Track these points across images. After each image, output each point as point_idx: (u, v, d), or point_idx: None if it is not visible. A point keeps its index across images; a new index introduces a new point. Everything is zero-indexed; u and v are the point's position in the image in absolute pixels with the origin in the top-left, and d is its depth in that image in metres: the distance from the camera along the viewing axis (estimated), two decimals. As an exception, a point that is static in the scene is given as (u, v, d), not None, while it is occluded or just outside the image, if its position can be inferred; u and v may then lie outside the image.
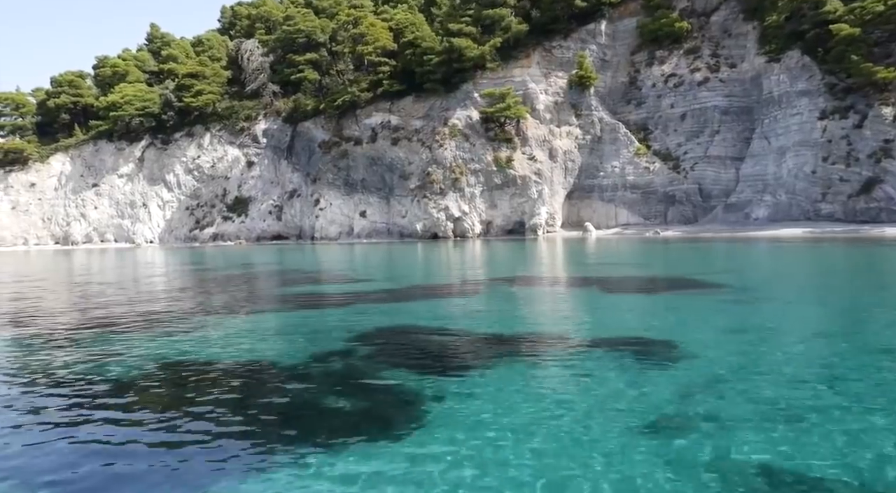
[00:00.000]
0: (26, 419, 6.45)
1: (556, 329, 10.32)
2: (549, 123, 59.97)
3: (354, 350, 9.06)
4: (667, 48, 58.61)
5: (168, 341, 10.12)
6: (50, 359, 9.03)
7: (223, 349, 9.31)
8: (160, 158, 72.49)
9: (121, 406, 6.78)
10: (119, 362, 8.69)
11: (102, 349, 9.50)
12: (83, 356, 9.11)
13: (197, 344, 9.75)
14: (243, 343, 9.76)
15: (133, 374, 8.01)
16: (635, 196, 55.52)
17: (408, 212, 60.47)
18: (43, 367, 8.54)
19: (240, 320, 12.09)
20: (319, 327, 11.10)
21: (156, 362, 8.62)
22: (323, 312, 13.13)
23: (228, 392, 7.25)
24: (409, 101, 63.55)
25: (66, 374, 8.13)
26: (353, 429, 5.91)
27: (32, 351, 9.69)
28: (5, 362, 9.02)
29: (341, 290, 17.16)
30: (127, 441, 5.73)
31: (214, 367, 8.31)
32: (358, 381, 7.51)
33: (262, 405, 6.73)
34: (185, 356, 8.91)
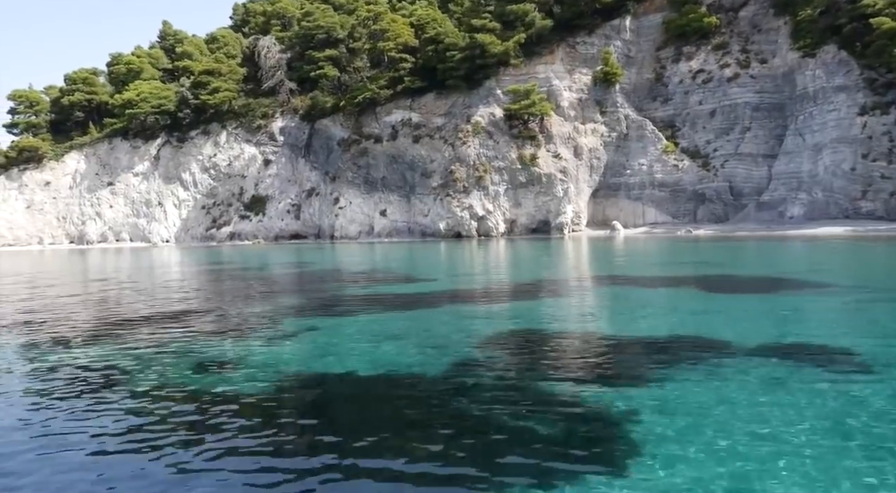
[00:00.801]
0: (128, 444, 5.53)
1: (707, 333, 9.34)
2: (574, 121, 58.97)
3: (497, 358, 8.11)
4: (694, 44, 57.55)
5: (272, 349, 9.18)
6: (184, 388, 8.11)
7: (345, 358, 8.36)
8: (176, 156, 71.63)
9: (264, 432, 5.85)
10: (232, 373, 7.75)
11: (199, 355, 8.58)
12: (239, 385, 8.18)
13: (308, 352, 8.80)
14: (361, 350, 8.81)
15: (259, 386, 7.07)
16: (663, 194, 54.49)
17: (430, 211, 59.52)
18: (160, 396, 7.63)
19: (336, 323, 11.14)
20: (433, 332, 10.15)
21: (263, 369, 7.68)
22: (419, 314, 12.18)
23: (384, 409, 6.30)
24: (430, 98, 62.59)
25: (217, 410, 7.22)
26: (558, 455, 4.97)
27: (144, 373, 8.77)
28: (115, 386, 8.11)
29: (415, 290, 16.22)
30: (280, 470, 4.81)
31: (350, 379, 7.36)
32: (528, 394, 6.56)
33: (433, 424, 5.78)
34: (303, 367, 7.97)
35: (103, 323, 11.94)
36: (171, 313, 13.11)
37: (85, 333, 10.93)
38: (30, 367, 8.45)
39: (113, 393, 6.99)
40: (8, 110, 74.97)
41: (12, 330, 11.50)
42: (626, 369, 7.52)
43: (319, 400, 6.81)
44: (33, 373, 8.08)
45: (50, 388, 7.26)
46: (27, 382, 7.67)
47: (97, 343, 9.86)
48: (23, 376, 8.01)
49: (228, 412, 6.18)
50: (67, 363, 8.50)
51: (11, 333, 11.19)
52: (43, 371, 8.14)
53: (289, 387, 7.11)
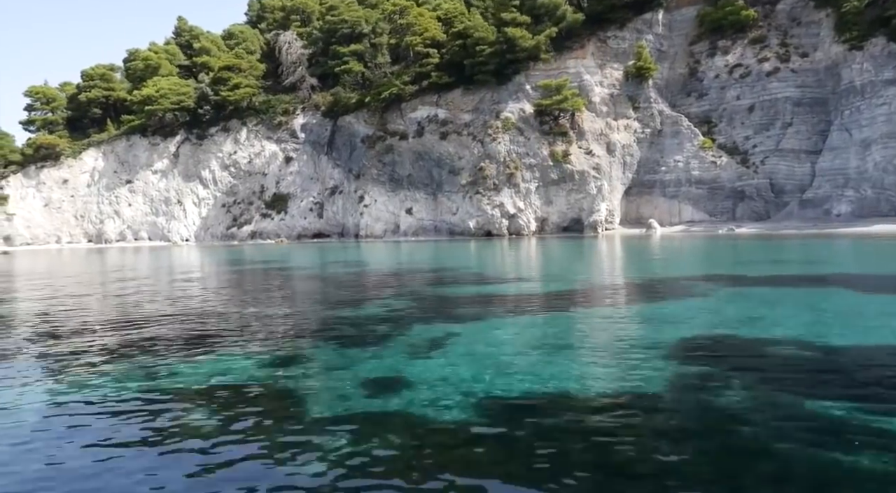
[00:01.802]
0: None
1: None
2: (606, 117, 57.67)
3: (713, 371, 6.76)
4: (730, 38, 56.18)
5: (425, 364, 7.88)
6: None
7: (512, 372, 7.03)
8: (195, 153, 70.45)
9: (444, 476, 4.53)
10: (397, 391, 6.46)
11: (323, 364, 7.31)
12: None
13: (467, 367, 7.49)
14: (524, 363, 7.46)
15: (438, 408, 5.78)
16: (700, 192, 53.15)
17: (459, 209, 58.24)
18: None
19: (472, 330, 9.84)
20: (591, 339, 8.85)
21: (430, 385, 6.39)
22: (552, 318, 10.88)
23: (594, 445, 4.91)
24: (457, 93, 61.29)
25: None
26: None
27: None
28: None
29: (516, 290, 14.90)
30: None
31: (532, 400, 6.03)
32: (819, 420, 5.22)
33: (699, 470, 4.40)
34: (467, 385, 6.64)
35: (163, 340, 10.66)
36: (274, 320, 11.85)
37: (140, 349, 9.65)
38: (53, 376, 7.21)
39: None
40: (24, 107, 73.93)
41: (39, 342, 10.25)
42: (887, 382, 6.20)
43: (502, 430, 5.37)
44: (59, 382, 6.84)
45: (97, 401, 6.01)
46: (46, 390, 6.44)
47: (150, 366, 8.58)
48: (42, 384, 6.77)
49: (399, 437, 4.90)
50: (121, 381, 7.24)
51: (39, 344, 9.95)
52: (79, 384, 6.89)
53: (465, 411, 5.77)
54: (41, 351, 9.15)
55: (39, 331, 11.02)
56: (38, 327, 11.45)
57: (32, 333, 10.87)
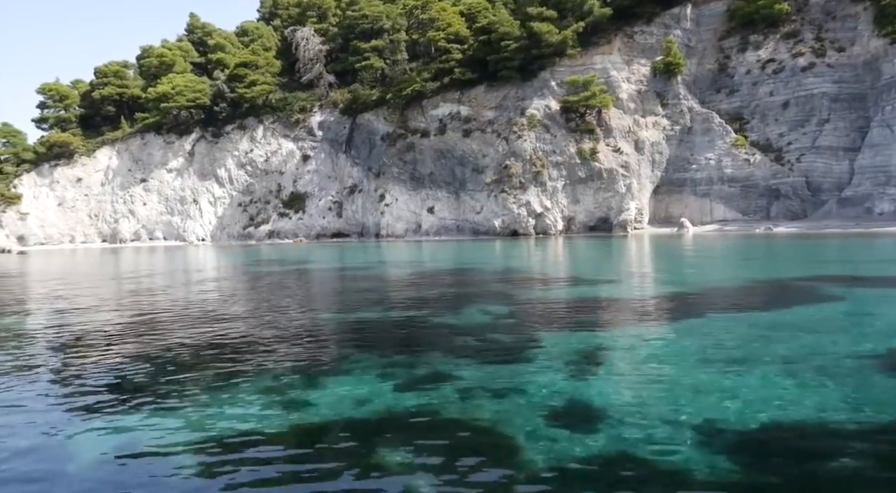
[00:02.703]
0: None
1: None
2: (634, 113, 56.41)
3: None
4: (761, 33, 54.87)
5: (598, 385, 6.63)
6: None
7: (736, 400, 5.77)
8: (211, 151, 69.25)
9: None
10: (586, 424, 5.20)
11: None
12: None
13: (688, 385, 6.23)
14: (739, 388, 6.19)
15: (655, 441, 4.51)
16: (733, 190, 51.83)
17: (483, 207, 56.97)
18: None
19: (657, 341, 8.58)
20: (790, 353, 7.57)
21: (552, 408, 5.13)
22: (707, 324, 9.60)
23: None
24: (480, 90, 60.04)
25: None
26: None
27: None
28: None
29: (631, 294, 13.64)
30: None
31: (776, 431, 4.77)
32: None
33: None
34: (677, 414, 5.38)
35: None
36: (373, 328, 10.61)
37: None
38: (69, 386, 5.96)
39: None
40: (37, 105, 72.78)
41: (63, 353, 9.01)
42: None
43: (765, 477, 4.14)
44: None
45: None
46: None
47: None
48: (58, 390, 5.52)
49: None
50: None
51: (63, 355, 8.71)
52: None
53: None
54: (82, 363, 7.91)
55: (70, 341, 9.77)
56: (72, 338, 10.21)
57: (63, 342, 9.62)
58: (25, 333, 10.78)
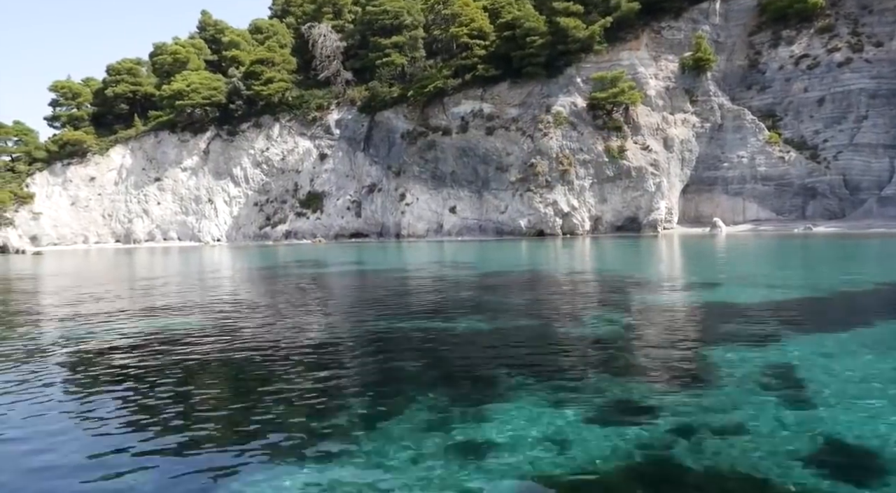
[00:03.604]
0: None
1: None
2: (662, 111, 55.07)
3: None
4: (794, 28, 53.53)
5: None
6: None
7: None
8: (226, 150, 67.99)
9: None
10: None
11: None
12: None
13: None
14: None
15: None
16: (767, 189, 50.46)
17: (508, 207, 55.64)
18: None
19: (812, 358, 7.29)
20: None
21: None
22: (871, 335, 8.32)
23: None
24: (503, 87, 58.72)
25: None
26: None
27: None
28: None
29: (759, 298, 12.35)
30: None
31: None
32: None
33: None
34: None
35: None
36: (473, 342, 9.32)
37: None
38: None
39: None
40: (49, 102, 71.51)
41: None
42: None
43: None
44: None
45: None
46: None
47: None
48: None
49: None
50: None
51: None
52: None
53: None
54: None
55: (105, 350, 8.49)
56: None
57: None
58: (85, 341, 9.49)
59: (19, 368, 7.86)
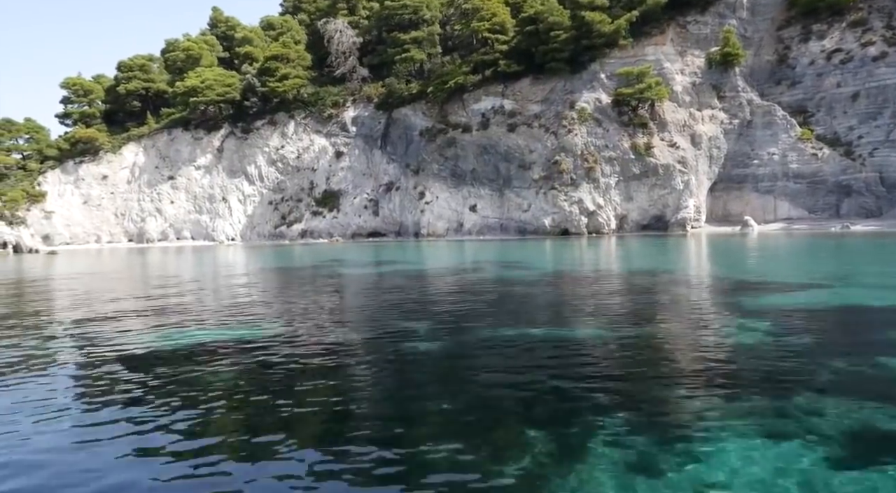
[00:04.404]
0: None
1: None
2: (689, 107, 53.81)
3: None
4: (825, 22, 52.25)
5: None
6: None
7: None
8: (240, 148, 66.86)
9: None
10: None
11: None
12: None
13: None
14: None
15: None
16: (799, 187, 49.17)
17: (531, 205, 54.43)
18: None
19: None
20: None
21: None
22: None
23: None
24: (525, 83, 57.54)
25: None
26: None
27: None
28: None
29: (867, 300, 11.15)
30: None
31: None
32: None
33: None
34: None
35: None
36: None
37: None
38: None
39: None
40: (61, 100, 70.44)
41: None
42: None
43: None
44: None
45: None
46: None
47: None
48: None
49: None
50: None
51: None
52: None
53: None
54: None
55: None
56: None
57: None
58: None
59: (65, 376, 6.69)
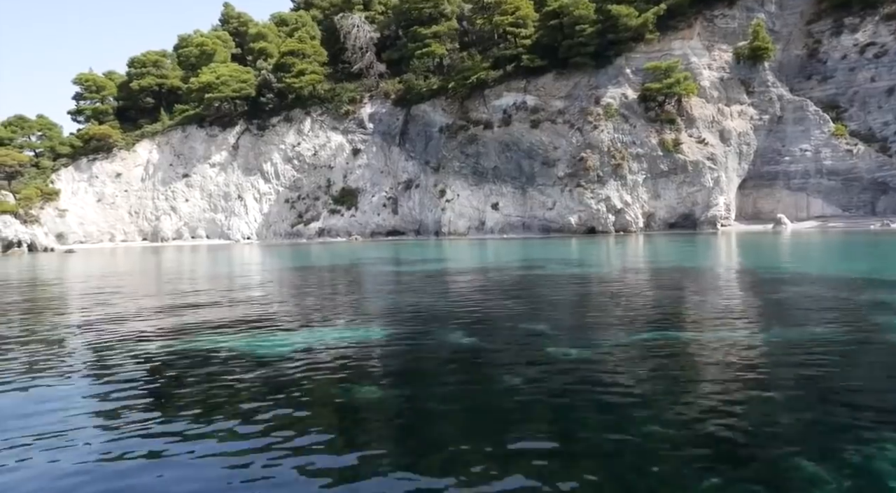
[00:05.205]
0: None
1: None
2: (717, 102, 52.70)
3: None
4: (857, 15, 51.17)
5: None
6: None
7: None
8: (256, 145, 65.81)
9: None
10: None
11: None
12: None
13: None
14: None
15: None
16: (833, 184, 48.09)
17: (556, 203, 53.33)
18: None
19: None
20: None
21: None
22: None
23: None
24: (548, 78, 56.39)
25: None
26: None
27: None
28: None
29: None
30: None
31: None
32: None
33: None
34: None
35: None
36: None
37: None
38: None
39: None
40: (73, 96, 69.46)
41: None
42: None
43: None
44: None
45: None
46: None
47: None
48: None
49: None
50: None
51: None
52: None
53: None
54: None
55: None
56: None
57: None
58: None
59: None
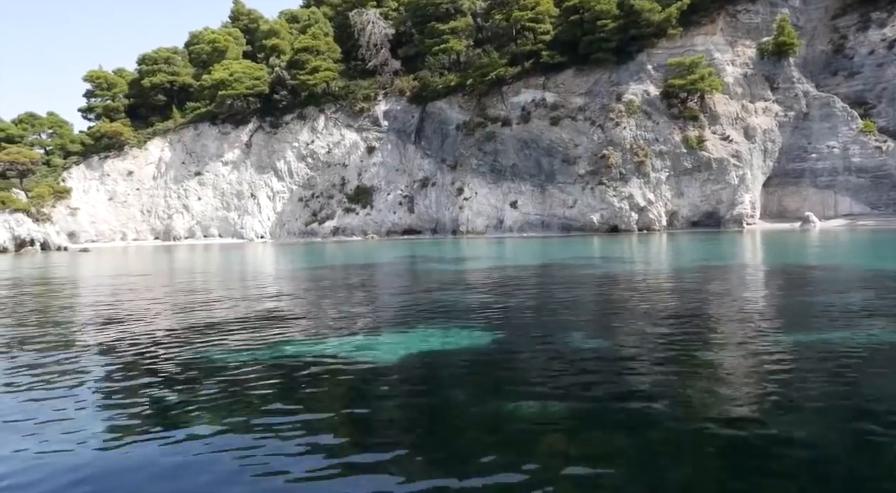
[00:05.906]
0: None
1: None
2: (741, 99, 51.79)
3: None
4: (885, 9, 50.26)
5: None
6: None
7: None
8: (269, 143, 64.96)
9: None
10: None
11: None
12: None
13: None
14: None
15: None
16: (862, 181, 47.14)
17: (576, 201, 52.44)
18: None
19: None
20: None
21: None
22: None
23: None
24: (567, 75, 55.52)
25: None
26: None
27: None
28: None
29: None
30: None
31: None
32: None
33: None
34: None
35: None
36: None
37: None
38: None
39: None
40: (84, 93, 68.67)
41: None
42: None
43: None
44: None
45: None
46: None
47: None
48: None
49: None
50: None
51: None
52: None
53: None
54: None
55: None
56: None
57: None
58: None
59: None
